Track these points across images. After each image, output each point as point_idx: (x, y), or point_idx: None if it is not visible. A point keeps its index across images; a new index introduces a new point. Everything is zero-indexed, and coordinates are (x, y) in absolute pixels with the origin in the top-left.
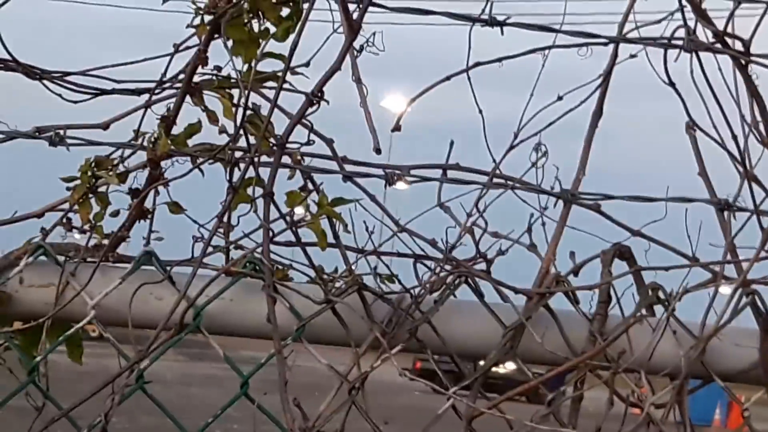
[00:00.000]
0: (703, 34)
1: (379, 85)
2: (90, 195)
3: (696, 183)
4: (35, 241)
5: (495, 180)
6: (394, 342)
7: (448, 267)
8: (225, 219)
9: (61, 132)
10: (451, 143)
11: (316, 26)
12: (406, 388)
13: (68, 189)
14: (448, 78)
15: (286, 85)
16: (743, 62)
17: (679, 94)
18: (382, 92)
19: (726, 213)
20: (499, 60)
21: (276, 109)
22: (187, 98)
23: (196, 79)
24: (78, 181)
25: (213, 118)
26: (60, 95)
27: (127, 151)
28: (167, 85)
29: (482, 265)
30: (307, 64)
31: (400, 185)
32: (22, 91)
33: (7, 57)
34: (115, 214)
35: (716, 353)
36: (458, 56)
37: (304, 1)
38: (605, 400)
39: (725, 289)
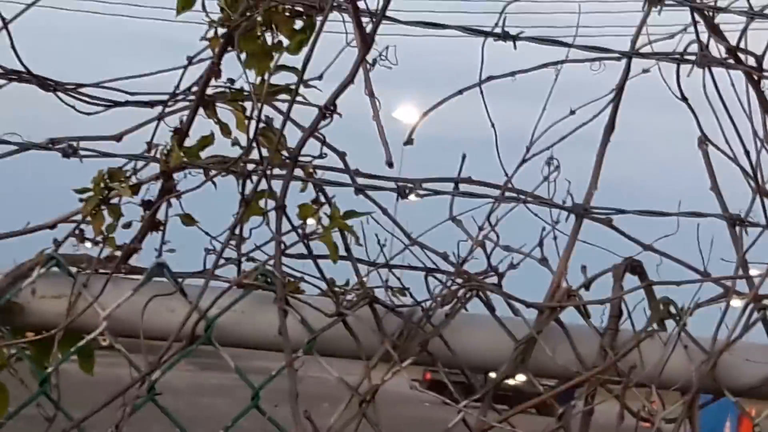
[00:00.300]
0: (716, 49)
1: (392, 95)
2: (102, 206)
3: (708, 198)
4: (48, 252)
5: (507, 193)
6: (404, 355)
7: (459, 280)
8: (237, 231)
9: (75, 144)
10: (463, 156)
11: (329, 39)
12: (415, 399)
13: (81, 200)
14: (460, 92)
15: (299, 98)
16: (756, 77)
17: (692, 109)
18: (395, 103)
19: (738, 228)
20: (512, 74)
21: (289, 122)
22: (200, 110)
23: (209, 91)
24: (91, 193)
25: (226, 130)
26: (74, 107)
27: (140, 163)
28: (180, 97)
29: (494, 279)
30: (320, 77)
31: (412, 198)
32: (34, 101)
33: (21, 68)
34: (128, 225)
35: (727, 368)
36: (471, 67)
37: (318, 15)
38: (616, 413)
39: (737, 304)
